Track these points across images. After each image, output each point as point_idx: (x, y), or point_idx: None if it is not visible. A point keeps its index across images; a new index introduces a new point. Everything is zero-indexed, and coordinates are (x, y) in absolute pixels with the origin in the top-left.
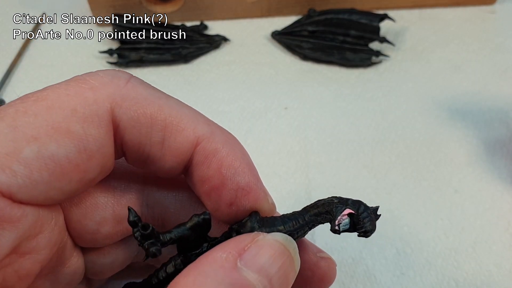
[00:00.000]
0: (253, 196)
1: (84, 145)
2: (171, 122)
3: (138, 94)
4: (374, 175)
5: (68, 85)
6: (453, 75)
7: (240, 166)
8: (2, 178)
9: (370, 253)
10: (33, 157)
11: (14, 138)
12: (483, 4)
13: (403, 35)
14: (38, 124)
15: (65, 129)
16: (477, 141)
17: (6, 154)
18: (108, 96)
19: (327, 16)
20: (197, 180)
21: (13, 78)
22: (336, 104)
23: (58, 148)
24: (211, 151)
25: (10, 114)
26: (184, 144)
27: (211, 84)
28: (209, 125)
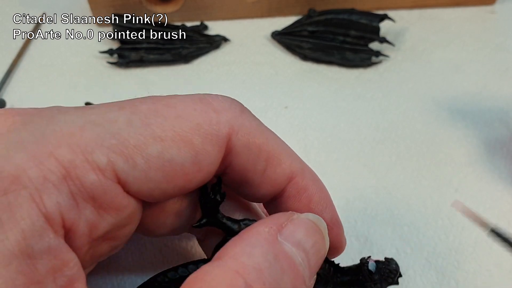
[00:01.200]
0: (335, 231)
1: (199, 158)
2: (273, 155)
3: (250, 124)
4: (374, 175)
5: (194, 101)
6: (453, 75)
7: (326, 203)
8: (125, 166)
9: (370, 253)
10: (155, 156)
11: (143, 134)
12: (483, 4)
13: (403, 35)
14: (166, 127)
15: (188, 139)
16: (477, 141)
17: (133, 145)
18: (227, 121)
19: (327, 16)
20: (286, 210)
21: (13, 78)
22: (336, 104)
23: (178, 154)
24: (303, 187)
25: (143, 110)
26: (281, 176)
27: (211, 84)
28: (301, 162)
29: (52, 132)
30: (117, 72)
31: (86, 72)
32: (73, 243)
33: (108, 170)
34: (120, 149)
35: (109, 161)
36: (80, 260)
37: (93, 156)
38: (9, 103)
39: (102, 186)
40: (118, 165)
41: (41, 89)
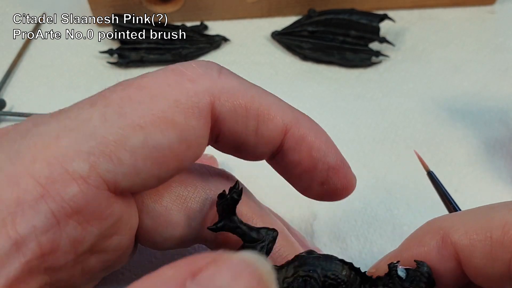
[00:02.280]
0: (342, 172)
1: (185, 136)
2: (262, 111)
3: (232, 85)
4: (374, 175)
5: (166, 75)
6: (453, 75)
7: (327, 147)
8: (110, 166)
9: (370, 253)
10: (139, 146)
11: (121, 126)
12: (483, 4)
13: (403, 35)
14: (144, 112)
15: (170, 119)
16: (477, 141)
17: (114, 141)
18: (206, 88)
19: (327, 17)
20: (288, 164)
21: (13, 78)
22: (336, 104)
23: (163, 137)
24: (300, 137)
25: (115, 100)
26: (274, 131)
27: None
28: (293, 111)
29: (26, 148)
30: (117, 72)
31: (86, 72)
32: (55, 262)
33: (92, 176)
34: (100, 149)
35: (91, 166)
36: (70, 277)
37: (73, 165)
38: (9, 103)
39: (85, 197)
40: (102, 167)
41: (41, 89)
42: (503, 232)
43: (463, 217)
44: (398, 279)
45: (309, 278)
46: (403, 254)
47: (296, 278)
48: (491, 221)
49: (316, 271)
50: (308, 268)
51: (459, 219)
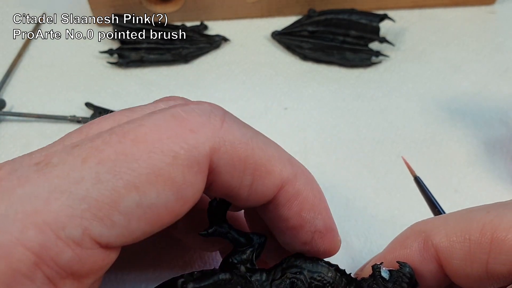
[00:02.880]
0: (328, 238)
1: (182, 193)
2: (260, 166)
3: (233, 136)
4: (374, 175)
5: (167, 123)
6: (453, 75)
7: (319, 209)
8: (103, 230)
9: (370, 253)
10: (133, 207)
11: (115, 186)
12: (483, 4)
13: (403, 35)
14: (140, 170)
15: (167, 176)
16: (477, 141)
17: (107, 204)
18: (207, 139)
19: (327, 16)
20: (275, 217)
21: (13, 78)
22: (336, 104)
23: (158, 197)
24: (294, 194)
25: (110, 157)
26: (270, 187)
27: (211, 84)
28: (292, 165)
29: (15, 214)
30: (117, 72)
31: (86, 72)
32: None
33: (85, 240)
34: (93, 213)
35: (84, 230)
36: None
37: (65, 232)
38: (9, 103)
39: (80, 259)
40: (95, 230)
41: (41, 89)
42: (481, 234)
43: (444, 220)
44: (382, 280)
45: (296, 280)
46: (387, 257)
47: (284, 280)
48: (470, 224)
49: (302, 273)
50: (295, 270)
51: (440, 222)
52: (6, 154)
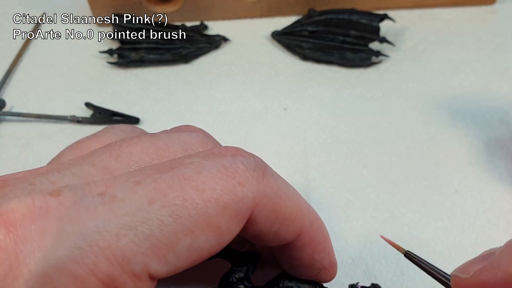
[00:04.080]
0: (331, 272)
1: (223, 238)
2: (287, 216)
3: (272, 190)
4: (374, 175)
5: (221, 174)
6: (453, 75)
7: (327, 251)
8: (158, 267)
9: (370, 253)
10: (185, 249)
11: (175, 230)
12: (483, 4)
13: (403, 35)
14: (196, 217)
15: (216, 224)
16: (477, 141)
17: (166, 245)
18: (252, 194)
19: (327, 16)
20: (288, 256)
21: (13, 78)
22: (336, 104)
23: (206, 242)
24: (309, 239)
25: (174, 202)
26: (292, 234)
27: (211, 84)
28: (310, 214)
29: (90, 247)
30: (117, 72)
31: (86, 72)
32: None
33: (144, 275)
34: (153, 252)
35: (144, 267)
36: None
37: (130, 266)
38: (9, 103)
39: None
40: (152, 267)
41: (41, 89)
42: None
43: None
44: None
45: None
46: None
47: None
48: None
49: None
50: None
51: None
52: (6, 154)
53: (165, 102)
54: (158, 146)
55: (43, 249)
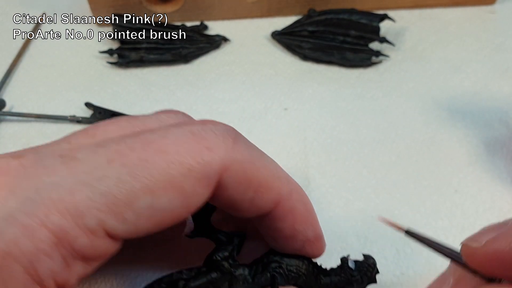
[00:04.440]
0: (317, 245)
1: (189, 202)
2: (262, 183)
3: (243, 156)
4: (374, 175)
5: (188, 139)
6: (453, 75)
7: (311, 221)
8: (115, 224)
9: (370, 253)
10: (145, 208)
11: (133, 188)
12: (483, 4)
13: (403, 35)
14: (157, 177)
15: (179, 185)
16: (477, 141)
17: (123, 202)
18: (220, 158)
19: (327, 16)
20: (270, 228)
21: (13, 78)
22: (336, 104)
23: (168, 202)
24: (289, 209)
25: (133, 161)
26: (268, 203)
27: (211, 84)
28: (289, 182)
29: (42, 200)
30: (117, 72)
31: (86, 72)
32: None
33: (99, 230)
34: (110, 208)
35: (99, 222)
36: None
37: (84, 220)
38: (9, 103)
39: (92, 245)
40: (108, 224)
41: (41, 89)
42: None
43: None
44: (349, 269)
45: (276, 274)
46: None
47: (264, 273)
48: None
49: (281, 267)
50: (275, 265)
51: None
52: None
53: (165, 102)
54: (134, 124)
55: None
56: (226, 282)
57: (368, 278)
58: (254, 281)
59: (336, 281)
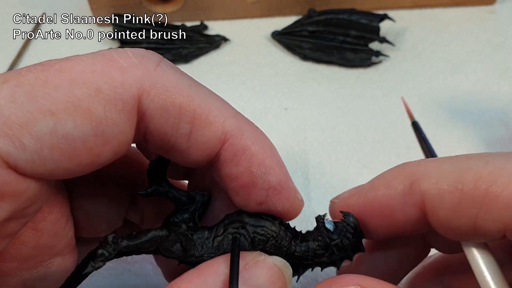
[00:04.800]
0: (285, 195)
1: (103, 129)
2: (200, 114)
3: (168, 80)
4: (374, 175)
5: (95, 60)
6: (453, 75)
7: (271, 164)
8: (10, 149)
9: None
10: (47, 133)
11: (30, 109)
12: (483, 4)
13: (403, 35)
14: (58, 98)
15: (86, 108)
16: (477, 141)
17: (19, 124)
18: (136, 80)
19: (327, 16)
20: (225, 176)
21: None
22: (336, 104)
23: (75, 127)
24: (240, 149)
25: (30, 81)
26: (211, 139)
27: (211, 85)
28: (237, 119)
29: None
30: None
31: None
32: None
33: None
34: (2, 131)
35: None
36: None
37: None
38: None
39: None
40: (3, 149)
41: None
42: (475, 186)
43: (438, 165)
44: (326, 231)
45: (239, 235)
46: (368, 194)
47: (226, 236)
48: (465, 173)
49: (245, 227)
50: (237, 225)
51: (433, 167)
52: None
53: None
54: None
55: None
56: (177, 243)
57: (350, 242)
58: (214, 245)
59: (314, 247)
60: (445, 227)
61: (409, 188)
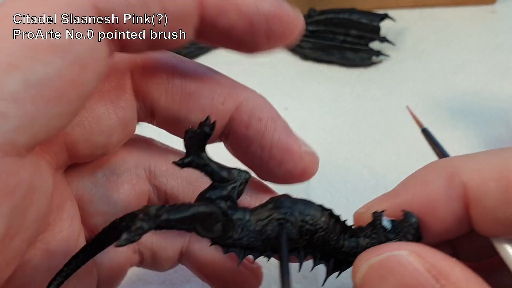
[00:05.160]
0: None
1: (73, 56)
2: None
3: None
4: (374, 175)
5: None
6: (454, 75)
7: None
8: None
9: None
10: (20, 89)
11: None
12: (483, 4)
13: (404, 35)
14: (11, 46)
15: (45, 43)
16: (478, 141)
17: None
18: None
19: (328, 16)
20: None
21: None
22: (336, 104)
23: (45, 68)
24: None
25: None
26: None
27: None
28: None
29: None
30: None
31: None
32: None
33: None
34: None
35: None
36: None
37: None
38: None
39: None
40: None
41: None
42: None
43: (475, 157)
44: (383, 229)
45: (285, 222)
46: (403, 194)
47: (271, 221)
48: (508, 161)
49: (293, 214)
50: (284, 211)
51: (469, 159)
52: None
53: None
54: None
55: None
56: (219, 222)
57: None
58: (256, 229)
59: (364, 244)
60: (489, 221)
61: (449, 181)
